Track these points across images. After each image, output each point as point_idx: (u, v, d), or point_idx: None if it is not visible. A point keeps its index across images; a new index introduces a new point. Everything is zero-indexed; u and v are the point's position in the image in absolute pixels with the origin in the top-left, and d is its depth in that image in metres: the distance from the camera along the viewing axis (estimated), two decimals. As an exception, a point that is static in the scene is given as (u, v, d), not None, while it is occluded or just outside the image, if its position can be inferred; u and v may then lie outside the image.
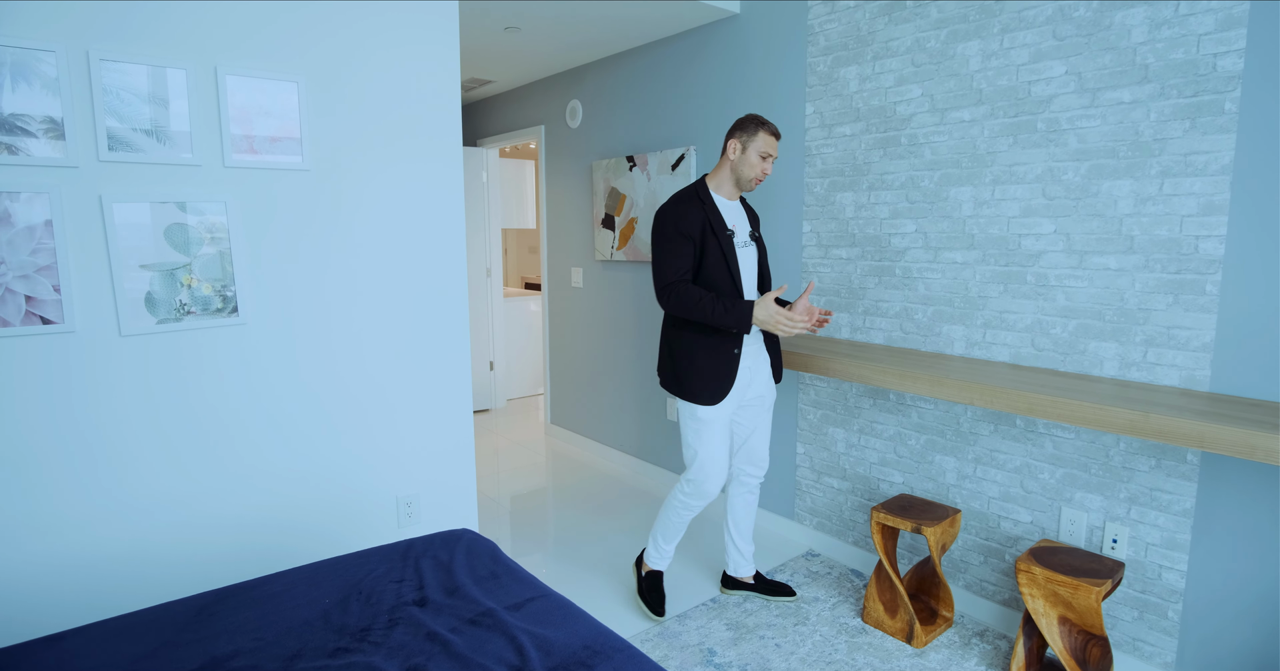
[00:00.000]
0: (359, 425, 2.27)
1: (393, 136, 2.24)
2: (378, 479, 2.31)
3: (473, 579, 1.42)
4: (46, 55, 1.61)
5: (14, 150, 1.59)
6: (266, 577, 1.47)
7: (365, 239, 2.22)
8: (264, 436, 2.07)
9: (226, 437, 2.00)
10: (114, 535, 1.83)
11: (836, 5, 2.66)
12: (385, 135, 2.23)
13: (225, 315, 1.92)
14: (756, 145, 2.16)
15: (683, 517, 2.37)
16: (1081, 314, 2.10)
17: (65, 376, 1.72)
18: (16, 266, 1.62)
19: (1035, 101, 2.14)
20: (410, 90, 2.26)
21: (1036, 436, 2.23)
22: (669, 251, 2.14)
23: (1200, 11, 1.80)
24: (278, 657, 1.16)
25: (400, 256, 2.30)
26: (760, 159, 2.17)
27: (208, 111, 1.86)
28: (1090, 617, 1.89)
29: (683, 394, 2.22)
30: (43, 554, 1.73)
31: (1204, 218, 1.84)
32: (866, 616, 2.38)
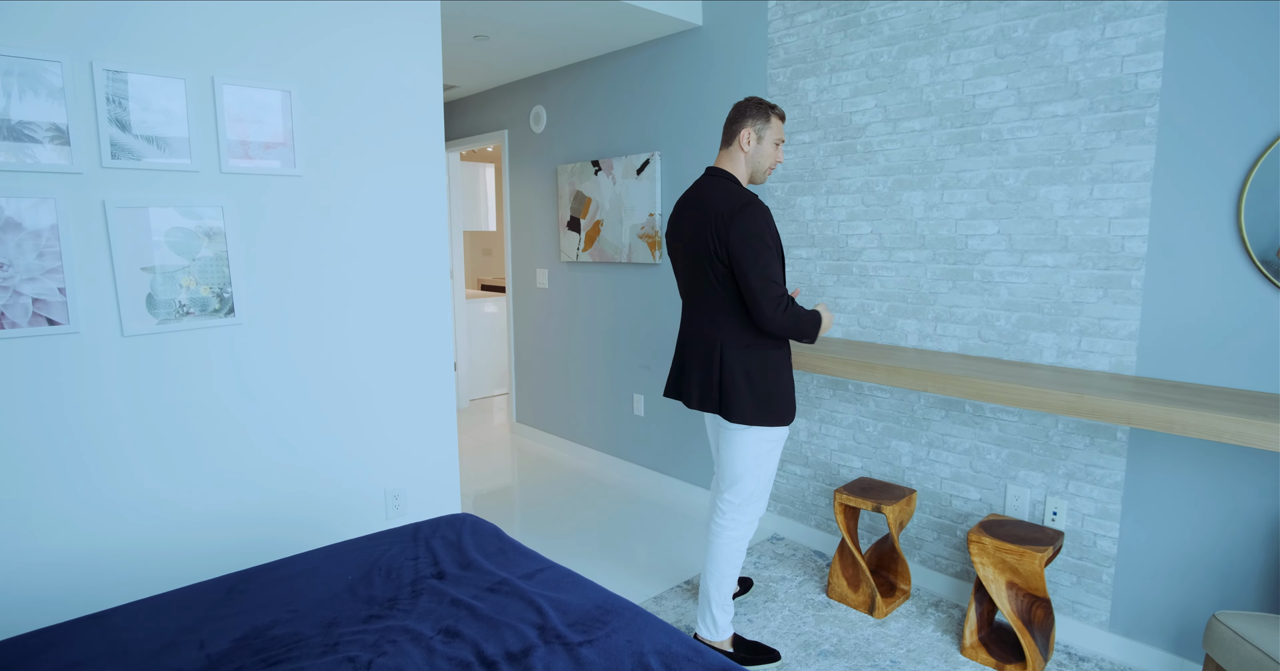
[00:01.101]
0: (349, 421, 2.30)
1: (379, 141, 2.29)
2: (366, 473, 2.34)
3: (483, 554, 1.49)
4: (52, 65, 1.63)
5: (21, 157, 1.61)
6: (288, 559, 1.51)
7: (353, 241, 2.26)
8: (258, 433, 2.09)
9: (221, 435, 2.02)
10: (110, 531, 1.83)
11: (795, 20, 2.82)
12: (372, 140, 2.27)
13: (222, 316, 1.94)
14: (771, 133, 1.98)
15: (743, 549, 2.12)
16: (1023, 307, 2.30)
17: (71, 376, 1.73)
18: (24, 270, 1.62)
19: (979, 113, 2.34)
20: (395, 97, 2.31)
21: (984, 420, 2.42)
22: (772, 259, 1.86)
23: (1123, 35, 2.01)
24: (315, 624, 1.21)
25: (386, 258, 2.34)
26: (775, 147, 2.00)
27: (205, 119, 1.89)
28: (1034, 581, 2.07)
29: (773, 420, 1.95)
30: (44, 550, 1.73)
31: (1129, 219, 2.05)
32: (831, 592, 2.53)
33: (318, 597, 1.31)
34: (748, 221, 1.85)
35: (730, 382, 1.93)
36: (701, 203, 1.98)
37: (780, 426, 1.98)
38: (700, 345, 2.02)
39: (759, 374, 1.93)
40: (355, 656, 1.12)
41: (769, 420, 1.95)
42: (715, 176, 2.02)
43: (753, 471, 2.03)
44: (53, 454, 1.73)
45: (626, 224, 3.62)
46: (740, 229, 1.85)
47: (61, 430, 1.74)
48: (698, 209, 1.98)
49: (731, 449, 2.03)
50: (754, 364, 1.93)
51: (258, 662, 1.11)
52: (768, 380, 1.94)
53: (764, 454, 2.02)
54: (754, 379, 1.93)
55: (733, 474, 2.05)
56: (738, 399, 1.92)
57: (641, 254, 3.55)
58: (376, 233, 2.31)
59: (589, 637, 1.17)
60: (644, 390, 3.68)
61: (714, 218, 1.90)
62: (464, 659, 1.12)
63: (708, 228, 1.92)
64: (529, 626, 1.20)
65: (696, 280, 2.01)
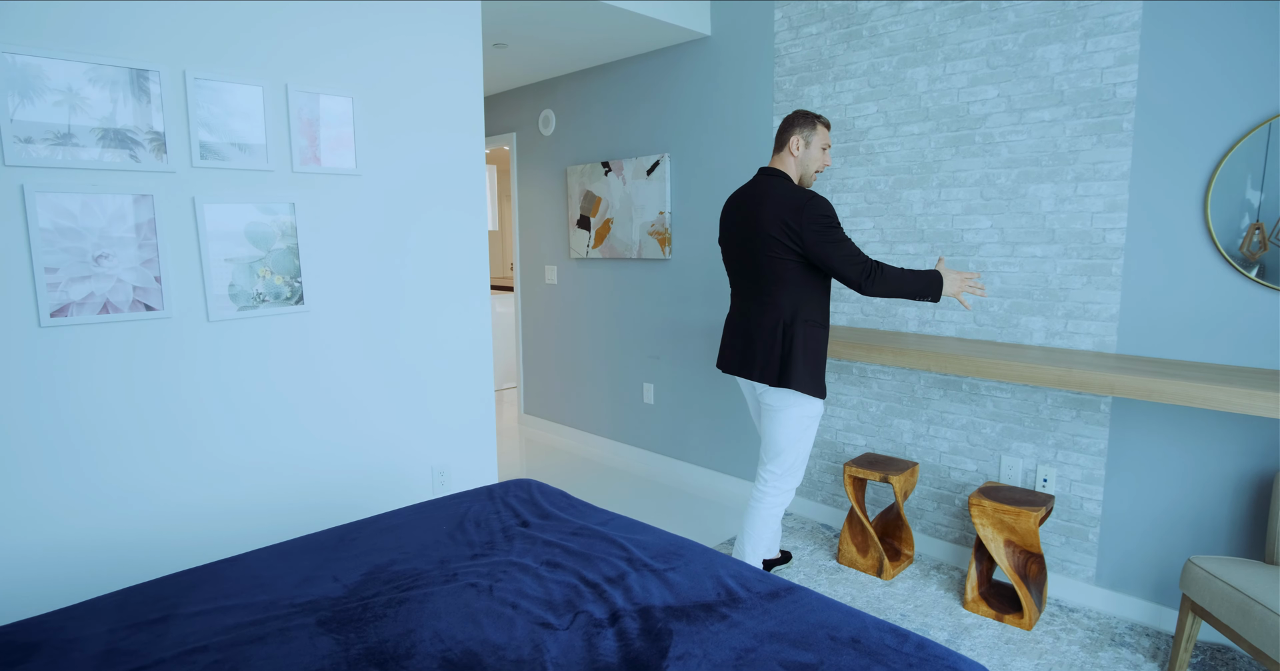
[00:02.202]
0: (400, 402, 2.45)
1: (426, 142, 2.45)
2: (415, 449, 2.50)
3: (556, 508, 1.65)
4: (153, 74, 1.78)
5: (125, 158, 1.75)
6: (383, 514, 1.67)
7: (405, 235, 2.41)
8: (322, 412, 2.24)
9: (291, 413, 2.17)
10: (200, 497, 1.99)
11: (800, 32, 3.04)
12: (421, 141, 2.43)
13: (293, 304, 2.08)
14: (818, 139, 2.20)
15: (779, 516, 2.34)
16: (1014, 294, 2.53)
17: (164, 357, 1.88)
18: (126, 260, 1.75)
19: (973, 119, 2.57)
20: (441, 101, 2.47)
21: (980, 397, 2.65)
22: (844, 237, 2.07)
23: (1103, 49, 2.26)
24: (430, 561, 1.37)
25: (434, 250, 2.50)
26: (822, 152, 2.22)
27: (279, 124, 2.04)
28: (1030, 538, 2.29)
29: (817, 390, 2.16)
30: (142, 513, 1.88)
31: (1109, 214, 2.30)
32: (841, 558, 2.73)
33: (422, 542, 1.46)
34: (818, 210, 2.06)
35: (790, 356, 2.13)
36: (762, 196, 2.17)
37: (820, 399, 2.20)
38: (766, 322, 2.19)
39: (813, 349, 2.15)
40: (476, 582, 1.28)
41: (818, 391, 2.16)
42: (772, 175, 2.21)
43: (794, 445, 2.25)
44: (150, 428, 1.87)
45: (637, 222, 3.80)
46: (812, 216, 2.05)
47: (156, 406, 1.87)
48: (759, 201, 2.16)
49: (776, 424, 2.24)
50: (811, 338, 2.15)
51: (391, 589, 1.26)
52: (809, 355, 2.15)
53: (805, 428, 2.23)
54: (809, 353, 2.15)
55: (776, 447, 2.26)
56: (796, 371, 2.12)
57: (652, 250, 3.74)
58: (425, 226, 2.46)
59: (670, 565, 1.34)
60: (654, 379, 3.86)
61: (780, 209, 2.09)
62: (571, 582, 1.28)
63: (773, 217, 2.10)
64: (617, 559, 1.37)
65: (758, 265, 2.18)
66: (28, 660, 1.06)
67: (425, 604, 1.21)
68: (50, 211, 1.65)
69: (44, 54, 1.63)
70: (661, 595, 1.24)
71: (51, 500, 1.72)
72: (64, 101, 1.65)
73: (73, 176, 1.69)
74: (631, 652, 1.07)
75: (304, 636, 1.12)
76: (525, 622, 1.15)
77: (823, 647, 1.07)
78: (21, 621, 1.18)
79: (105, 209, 1.73)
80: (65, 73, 1.66)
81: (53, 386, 1.70)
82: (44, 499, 1.71)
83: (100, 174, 1.73)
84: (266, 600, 1.23)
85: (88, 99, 1.69)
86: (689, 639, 1.10)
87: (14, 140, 1.60)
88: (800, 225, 2.05)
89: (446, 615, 1.17)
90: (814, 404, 2.20)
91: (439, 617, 1.16)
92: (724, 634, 1.11)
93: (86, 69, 1.69)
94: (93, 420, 1.76)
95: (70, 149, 1.67)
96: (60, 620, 1.18)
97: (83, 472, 1.76)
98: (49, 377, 1.69)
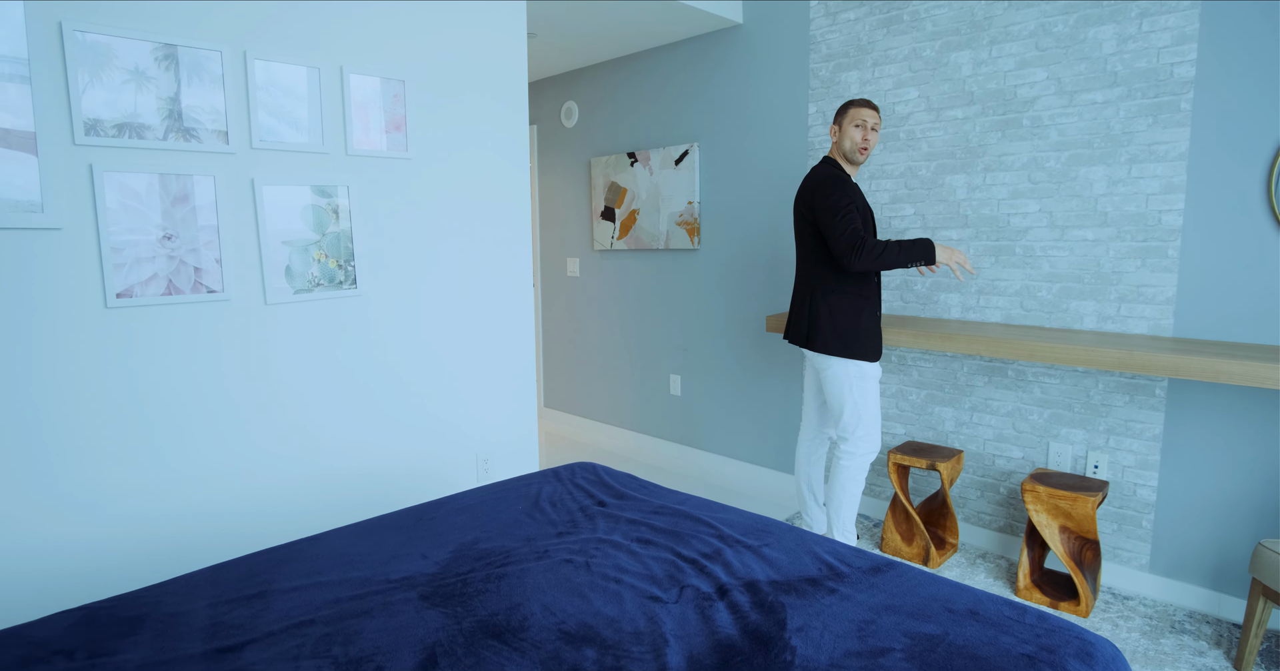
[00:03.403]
0: (446, 390, 2.43)
1: (474, 126, 2.43)
2: (460, 437, 2.48)
3: (629, 489, 1.63)
4: (213, 55, 1.76)
5: (189, 139, 1.73)
6: (455, 495, 1.65)
7: (452, 220, 2.40)
8: (375, 396, 2.23)
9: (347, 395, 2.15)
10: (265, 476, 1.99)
11: (838, 18, 3.02)
12: (468, 124, 2.41)
13: (346, 288, 2.06)
14: (848, 119, 2.34)
15: (861, 480, 2.44)
16: (1063, 279, 2.51)
17: (226, 338, 1.86)
18: (189, 241, 1.73)
19: (1021, 102, 2.56)
20: (488, 86, 2.46)
21: (1026, 384, 2.63)
22: (848, 213, 2.21)
23: (1159, 28, 2.25)
24: (516, 539, 1.34)
25: (480, 239, 2.49)
26: (855, 128, 2.32)
27: (334, 106, 2.02)
28: (1087, 524, 2.27)
29: (853, 354, 2.32)
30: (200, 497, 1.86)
31: (1166, 195, 2.28)
32: (885, 546, 2.71)
33: (502, 522, 1.44)
34: (827, 190, 2.29)
35: (816, 320, 2.38)
36: (806, 178, 2.44)
37: (860, 360, 2.34)
38: (802, 292, 2.47)
39: (841, 314, 2.35)
40: (571, 559, 1.26)
41: (848, 353, 2.34)
42: (822, 162, 2.44)
43: (847, 403, 2.38)
44: (210, 408, 1.85)
45: (664, 212, 3.78)
46: (821, 195, 2.29)
47: (216, 388, 1.84)
48: (803, 183, 2.44)
49: (825, 384, 2.43)
50: (838, 305, 2.36)
51: (485, 566, 1.24)
52: (849, 319, 2.34)
53: (852, 386, 2.36)
54: (837, 318, 2.35)
55: (834, 408, 2.42)
56: (821, 333, 2.37)
57: (680, 240, 3.72)
58: (473, 212, 2.44)
59: (763, 542, 1.32)
60: (681, 370, 3.84)
61: (807, 187, 2.38)
62: (667, 558, 1.26)
63: (804, 196, 2.40)
64: (708, 535, 1.35)
65: (801, 241, 2.47)
66: (135, 633, 1.04)
67: (524, 579, 1.18)
68: (117, 191, 1.63)
69: (114, 32, 1.60)
70: (763, 570, 1.22)
71: (119, 478, 1.70)
72: (131, 80, 1.63)
73: (139, 156, 1.66)
74: (749, 624, 1.05)
75: (410, 610, 1.10)
76: (633, 596, 1.13)
77: (943, 619, 1.05)
78: (120, 596, 1.15)
79: (169, 190, 1.71)
80: (134, 51, 1.64)
81: (119, 368, 1.67)
82: (110, 477, 1.68)
83: (165, 154, 1.71)
84: (361, 576, 1.21)
85: (154, 79, 1.67)
86: (803, 612, 1.08)
87: (83, 121, 1.57)
88: (814, 200, 2.30)
89: (551, 590, 1.14)
90: (854, 365, 2.35)
91: (544, 592, 1.14)
92: (837, 606, 1.09)
93: (153, 47, 1.66)
94: (156, 400, 1.74)
95: (136, 131, 1.65)
96: (156, 595, 1.16)
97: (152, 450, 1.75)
98: (115, 358, 1.67)
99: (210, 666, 0.96)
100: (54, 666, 0.96)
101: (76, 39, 1.57)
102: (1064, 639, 0.99)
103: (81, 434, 1.63)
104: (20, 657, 0.98)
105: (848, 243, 2.18)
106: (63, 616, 1.10)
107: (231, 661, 0.97)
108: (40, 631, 1.05)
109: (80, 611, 1.12)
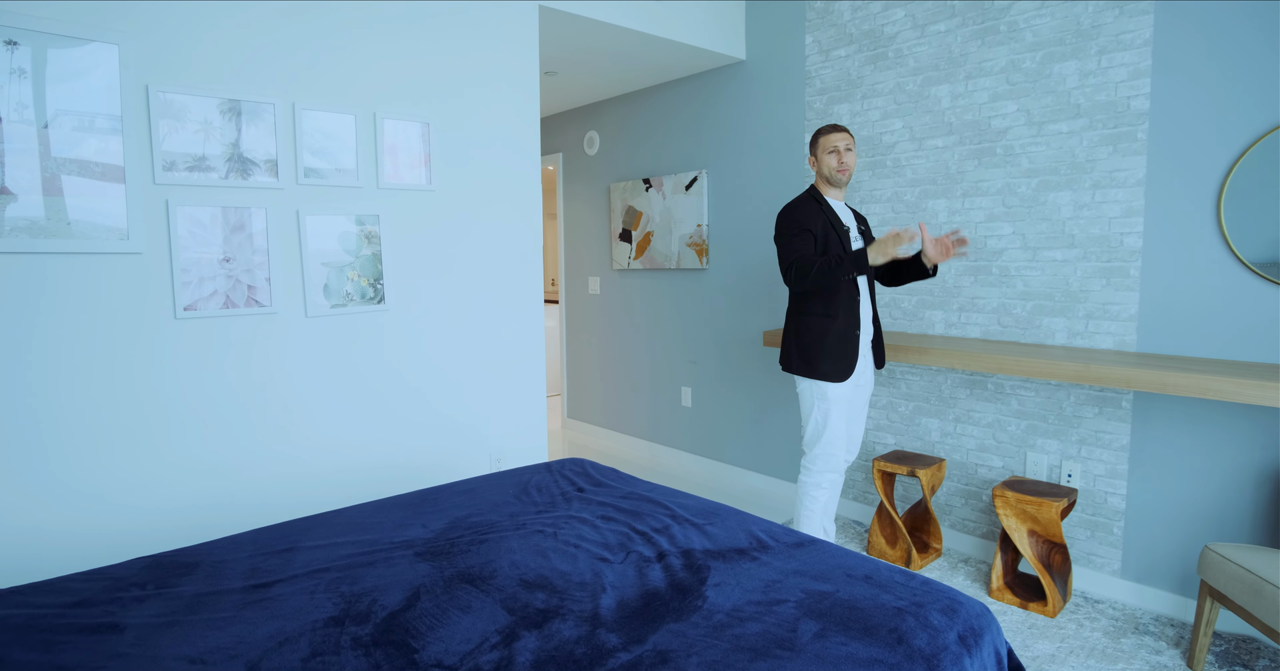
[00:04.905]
0: (464, 393, 2.72)
1: (490, 161, 2.73)
2: (476, 436, 2.76)
3: (608, 480, 1.88)
4: (268, 106, 2.11)
5: (246, 177, 2.08)
6: (456, 482, 1.93)
7: (470, 244, 2.71)
8: (398, 399, 2.53)
9: (374, 398, 2.46)
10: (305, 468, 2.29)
11: (830, 55, 3.26)
12: (485, 160, 2.72)
13: (375, 304, 2.37)
14: (819, 148, 2.46)
15: (818, 502, 2.51)
16: (1036, 297, 2.67)
17: (274, 346, 2.19)
18: (244, 262, 2.07)
19: (994, 132, 2.74)
20: (503, 125, 2.77)
21: (1005, 396, 2.78)
22: (791, 238, 2.36)
23: (1117, 65, 2.42)
24: (502, 515, 1.61)
25: (495, 259, 2.79)
26: (829, 154, 2.42)
27: (368, 146, 2.36)
28: (1052, 528, 2.41)
29: (813, 374, 2.41)
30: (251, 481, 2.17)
31: (1126, 219, 2.44)
32: (870, 549, 2.87)
33: (493, 502, 1.70)
34: (780, 218, 2.46)
35: (787, 339, 2.53)
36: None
37: (820, 380, 2.43)
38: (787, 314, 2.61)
39: (805, 333, 2.47)
40: (542, 530, 1.50)
41: (809, 372, 2.45)
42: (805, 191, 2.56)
43: (809, 421, 2.51)
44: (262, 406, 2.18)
45: (676, 234, 4.04)
46: (779, 219, 2.47)
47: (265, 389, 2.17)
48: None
49: (801, 401, 2.55)
50: (804, 325, 2.48)
51: (471, 534, 1.50)
52: (813, 339, 2.44)
53: (814, 405, 2.48)
54: (802, 338, 2.47)
55: (808, 428, 2.52)
56: (788, 352, 2.52)
57: (690, 260, 3.97)
58: (488, 236, 2.75)
59: (709, 521, 1.54)
60: (691, 383, 4.07)
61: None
62: (623, 531, 1.49)
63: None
64: (663, 515, 1.57)
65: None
66: (191, 573, 1.33)
67: (501, 543, 1.43)
68: (186, 222, 1.97)
69: (188, 92, 1.96)
70: (701, 541, 1.44)
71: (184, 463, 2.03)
72: (200, 130, 1.98)
73: (205, 193, 2.01)
74: (676, 580, 1.27)
75: (405, 563, 1.35)
76: (586, 557, 1.36)
77: (839, 580, 1.25)
78: (179, 549, 1.45)
79: (229, 219, 2.05)
80: (203, 107, 1.99)
81: (185, 369, 2.01)
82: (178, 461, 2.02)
83: (226, 191, 2.05)
84: (371, 539, 1.48)
85: (218, 129, 2.01)
86: (724, 572, 1.29)
87: (162, 164, 1.92)
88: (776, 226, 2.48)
89: (520, 551, 1.39)
90: (816, 385, 2.45)
91: (514, 552, 1.38)
92: (754, 569, 1.30)
93: (219, 102, 2.01)
94: (215, 398, 2.07)
95: (203, 170, 2.00)
96: (209, 548, 1.45)
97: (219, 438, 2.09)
98: (182, 361, 2.00)
99: (246, 596, 1.23)
100: (131, 594, 1.24)
101: (159, 98, 1.92)
102: (935, 597, 1.18)
103: (155, 424, 1.96)
104: (106, 587, 1.27)
105: (784, 266, 2.37)
106: (136, 561, 1.40)
107: (263, 593, 1.24)
108: (120, 571, 1.34)
109: (149, 558, 1.41)
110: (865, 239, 2.53)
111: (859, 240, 2.50)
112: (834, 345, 2.40)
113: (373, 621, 1.13)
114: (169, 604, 1.20)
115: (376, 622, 1.13)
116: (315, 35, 2.22)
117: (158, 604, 1.20)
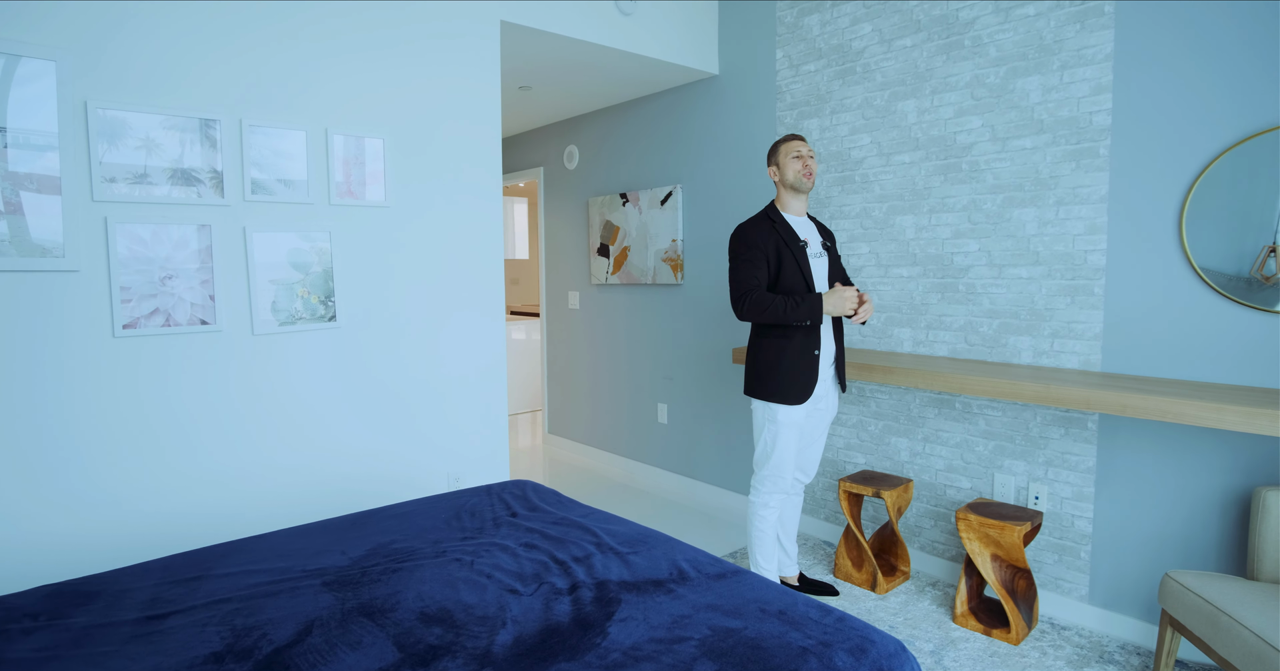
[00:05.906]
0: (421, 413, 2.68)
1: (449, 179, 2.71)
2: (432, 457, 2.72)
3: (545, 503, 1.83)
4: (215, 122, 2.10)
5: (189, 194, 2.06)
6: (393, 505, 1.89)
7: (428, 262, 2.67)
8: (350, 419, 2.48)
9: (322, 419, 2.41)
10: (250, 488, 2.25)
11: (800, 70, 3.24)
12: (444, 178, 2.69)
13: (327, 321, 2.34)
14: (783, 153, 2.41)
15: (767, 521, 2.48)
16: (1002, 314, 2.63)
17: (218, 365, 2.15)
18: (186, 280, 2.05)
19: (960, 147, 2.71)
20: (463, 142, 2.74)
21: (972, 416, 2.72)
22: (743, 264, 2.33)
23: (1078, 80, 2.39)
24: (425, 541, 1.56)
25: (454, 276, 2.75)
26: (794, 159, 2.38)
27: (319, 163, 2.33)
28: (1015, 553, 2.35)
29: (768, 396, 2.38)
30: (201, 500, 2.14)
31: (1090, 236, 2.39)
32: (837, 571, 2.81)
33: (422, 527, 1.66)
34: (732, 241, 2.43)
35: (747, 359, 2.51)
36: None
37: (771, 402, 2.40)
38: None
39: (760, 354, 2.44)
40: (460, 558, 1.46)
41: (761, 394, 2.42)
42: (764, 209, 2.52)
43: (759, 442, 2.48)
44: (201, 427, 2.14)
45: (651, 249, 4.01)
46: (730, 246, 2.44)
47: (204, 409, 2.13)
48: None
49: (755, 422, 2.52)
50: (758, 350, 2.46)
51: (387, 561, 1.46)
52: (767, 361, 2.42)
53: (764, 427, 2.44)
54: (755, 361, 2.45)
55: (759, 448, 2.49)
56: (747, 375, 2.50)
57: (665, 275, 3.94)
58: (446, 255, 2.71)
59: (634, 550, 1.50)
60: (667, 399, 4.02)
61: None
62: (542, 560, 1.45)
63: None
64: (588, 543, 1.53)
65: None
66: (89, 604, 1.29)
67: (414, 572, 1.39)
68: (127, 239, 1.95)
69: (128, 108, 1.94)
70: (619, 572, 1.39)
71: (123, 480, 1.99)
72: (142, 146, 1.96)
73: (146, 209, 1.99)
74: (582, 614, 1.23)
75: (310, 593, 1.31)
76: (496, 589, 1.32)
77: (751, 616, 1.20)
78: (85, 577, 1.41)
79: (171, 237, 2.03)
80: (144, 123, 1.97)
81: (124, 388, 1.98)
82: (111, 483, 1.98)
83: (168, 208, 2.03)
84: (284, 566, 1.44)
85: (161, 144, 2.00)
86: (634, 606, 1.25)
87: (101, 180, 1.91)
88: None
89: (430, 581, 1.35)
90: (768, 408, 2.42)
91: (424, 583, 1.34)
92: (667, 603, 1.26)
93: (162, 119, 2.00)
94: (154, 420, 2.03)
95: (145, 186, 1.98)
96: (116, 576, 1.41)
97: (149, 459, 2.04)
98: (120, 381, 1.97)
99: (136, 629, 1.19)
100: (20, 625, 1.21)
101: (98, 115, 1.91)
102: (845, 636, 1.13)
103: (94, 442, 1.93)
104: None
105: (735, 294, 2.35)
106: (39, 590, 1.37)
107: (155, 626, 1.21)
108: (17, 600, 1.31)
109: (51, 587, 1.38)
110: (829, 254, 2.49)
111: (822, 255, 2.46)
112: (790, 366, 2.37)
113: (254, 658, 1.09)
114: (55, 636, 1.17)
115: (259, 659, 1.09)
116: (264, 49, 2.21)
117: (44, 636, 1.17)
